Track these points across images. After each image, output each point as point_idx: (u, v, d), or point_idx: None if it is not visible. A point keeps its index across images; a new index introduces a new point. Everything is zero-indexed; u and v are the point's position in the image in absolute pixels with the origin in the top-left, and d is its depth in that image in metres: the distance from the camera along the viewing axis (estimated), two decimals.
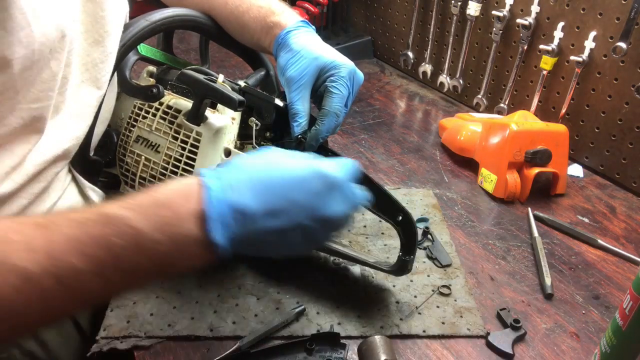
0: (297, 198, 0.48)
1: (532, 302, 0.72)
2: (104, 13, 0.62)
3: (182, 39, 1.55)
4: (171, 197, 0.44)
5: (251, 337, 0.63)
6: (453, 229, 0.86)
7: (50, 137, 0.59)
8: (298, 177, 0.49)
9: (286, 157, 0.51)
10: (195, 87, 0.63)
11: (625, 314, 0.53)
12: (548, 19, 1.05)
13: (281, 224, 0.47)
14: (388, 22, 1.49)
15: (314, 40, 0.73)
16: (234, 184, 0.46)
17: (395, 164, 1.04)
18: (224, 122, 0.66)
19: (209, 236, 0.43)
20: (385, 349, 0.58)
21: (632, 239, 0.86)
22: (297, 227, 0.48)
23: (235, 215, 0.45)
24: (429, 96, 1.35)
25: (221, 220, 0.44)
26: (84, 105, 0.62)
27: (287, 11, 0.77)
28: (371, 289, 0.72)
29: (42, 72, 0.53)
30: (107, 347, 0.62)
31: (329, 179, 0.49)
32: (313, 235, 0.50)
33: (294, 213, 0.47)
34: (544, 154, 0.90)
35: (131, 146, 0.70)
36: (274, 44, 0.74)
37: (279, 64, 0.73)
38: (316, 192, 0.49)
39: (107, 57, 0.63)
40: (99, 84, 0.63)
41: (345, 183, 0.51)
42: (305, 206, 0.48)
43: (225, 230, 0.44)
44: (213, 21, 0.79)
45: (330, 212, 0.49)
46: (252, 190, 0.46)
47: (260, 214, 0.46)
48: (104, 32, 0.62)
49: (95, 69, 0.62)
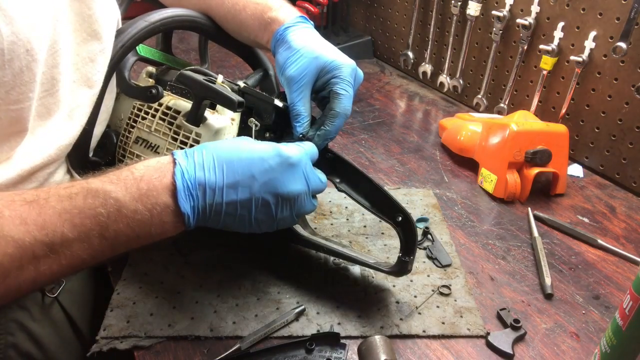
0: (254, 173, 0.55)
1: (532, 302, 0.72)
2: (92, 12, 0.61)
3: (181, 39, 1.55)
4: (147, 172, 0.51)
5: (251, 337, 0.63)
6: (453, 229, 0.86)
7: (43, 138, 0.58)
8: (258, 156, 0.56)
9: (252, 142, 0.58)
10: (195, 88, 0.63)
11: (625, 314, 0.53)
12: (548, 19, 1.05)
13: (241, 196, 0.55)
14: (388, 22, 1.49)
15: (313, 38, 0.72)
16: (199, 162, 0.53)
17: (395, 164, 1.04)
18: (223, 123, 0.66)
19: (179, 206, 0.51)
20: (385, 349, 0.58)
21: (632, 239, 0.86)
22: (256, 200, 0.56)
23: (200, 187, 0.52)
24: (429, 96, 1.35)
25: (188, 193, 0.52)
26: (77, 105, 0.62)
27: (285, 6, 0.76)
28: (371, 289, 0.72)
29: (22, 74, 0.51)
30: (107, 347, 0.62)
31: (286, 158, 0.57)
32: (273, 210, 0.58)
33: (253, 187, 0.55)
34: (544, 154, 0.90)
35: (131, 147, 0.70)
36: (272, 40, 0.73)
37: (277, 62, 0.72)
38: (272, 169, 0.56)
39: (97, 55, 0.63)
40: (91, 82, 0.63)
41: (301, 164, 0.59)
42: (262, 180, 0.55)
43: (191, 201, 0.52)
44: (212, 21, 0.79)
45: (286, 188, 0.57)
46: (216, 167, 0.54)
47: (222, 186, 0.53)
48: (92, 31, 0.62)
49: (86, 68, 0.62)
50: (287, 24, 0.72)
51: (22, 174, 0.57)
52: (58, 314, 0.69)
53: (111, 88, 0.69)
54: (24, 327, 0.64)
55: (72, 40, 0.60)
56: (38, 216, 0.46)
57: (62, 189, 0.49)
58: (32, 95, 0.54)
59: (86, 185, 0.49)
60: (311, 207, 0.63)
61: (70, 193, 0.48)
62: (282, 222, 0.60)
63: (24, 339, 0.64)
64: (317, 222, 0.84)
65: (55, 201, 0.47)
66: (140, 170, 0.51)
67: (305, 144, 0.63)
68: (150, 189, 0.50)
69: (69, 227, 0.47)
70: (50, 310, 0.68)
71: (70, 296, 0.70)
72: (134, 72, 0.71)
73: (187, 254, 0.75)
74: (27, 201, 0.46)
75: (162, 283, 0.71)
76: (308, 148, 0.62)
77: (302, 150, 0.60)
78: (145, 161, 0.53)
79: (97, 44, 0.63)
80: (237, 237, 0.76)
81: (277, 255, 0.77)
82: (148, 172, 0.51)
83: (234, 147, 0.57)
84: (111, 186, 0.49)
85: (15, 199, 0.47)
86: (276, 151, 0.57)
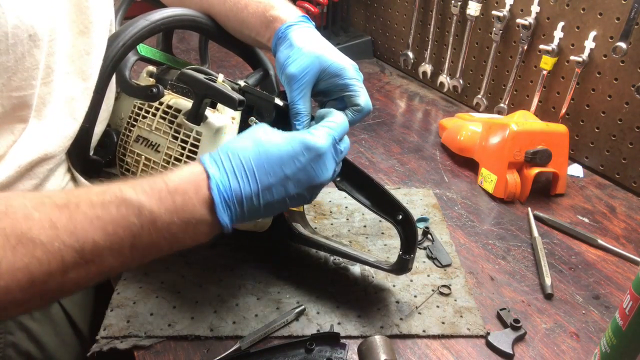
0: (287, 173, 0.55)
1: (532, 302, 0.72)
2: (88, 3, 0.61)
3: (182, 38, 1.55)
4: (182, 184, 0.50)
5: (251, 337, 0.63)
6: (453, 228, 0.86)
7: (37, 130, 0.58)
8: (287, 154, 0.55)
9: (273, 134, 0.57)
10: (195, 86, 0.63)
11: (625, 314, 0.53)
12: (548, 19, 1.05)
13: (277, 196, 0.55)
14: (388, 22, 1.49)
15: (315, 37, 0.71)
16: (230, 170, 0.52)
17: (395, 163, 1.04)
18: (224, 122, 0.66)
19: (218, 219, 0.51)
20: (385, 349, 0.58)
21: (632, 238, 0.86)
22: (292, 196, 0.56)
23: (236, 198, 0.52)
24: (429, 96, 1.35)
25: (225, 205, 0.51)
26: (72, 98, 0.62)
27: (287, 5, 0.75)
28: (371, 288, 0.72)
29: (24, 60, 0.52)
30: (107, 347, 0.62)
31: (315, 149, 0.56)
32: (308, 198, 0.59)
33: (288, 186, 0.55)
34: (544, 154, 0.90)
35: (131, 146, 0.70)
36: (274, 38, 0.72)
37: (278, 60, 0.71)
38: (304, 166, 0.56)
39: (93, 48, 0.63)
40: (85, 75, 0.62)
41: (329, 150, 0.58)
42: (296, 179, 0.55)
43: (229, 212, 0.52)
44: (212, 21, 0.79)
45: (319, 179, 0.57)
46: (247, 173, 0.53)
47: (257, 192, 0.53)
48: (89, 23, 0.61)
49: (81, 60, 0.62)
50: (289, 22, 0.72)
51: (20, 170, 0.56)
52: (58, 313, 0.69)
53: (111, 87, 0.69)
54: (24, 327, 0.64)
55: (68, 30, 0.60)
56: (69, 221, 0.44)
57: (93, 195, 0.47)
58: (35, 82, 0.54)
59: (120, 194, 0.47)
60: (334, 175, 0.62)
61: (103, 200, 0.47)
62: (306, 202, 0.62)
63: (23, 338, 0.63)
64: (317, 222, 0.84)
65: (87, 207, 0.46)
66: (174, 182, 0.50)
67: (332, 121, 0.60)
68: (186, 202, 0.49)
69: (100, 235, 0.45)
70: (50, 310, 0.68)
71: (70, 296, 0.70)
72: (134, 72, 0.71)
73: (187, 254, 0.75)
74: (58, 205, 0.45)
75: (162, 283, 0.71)
76: (336, 127, 0.60)
77: (330, 133, 0.58)
78: (178, 171, 0.52)
79: (93, 37, 0.62)
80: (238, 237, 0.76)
81: (277, 254, 0.77)
82: (182, 184, 0.50)
83: (259, 144, 0.55)
84: (145, 197, 0.48)
85: (45, 201, 0.45)
86: (304, 144, 0.56)
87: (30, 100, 0.55)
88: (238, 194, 0.52)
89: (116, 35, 0.65)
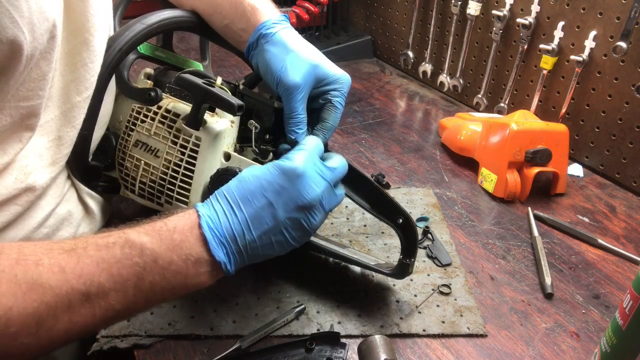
0: (270, 198, 0.55)
1: (532, 301, 0.72)
2: (94, 11, 0.61)
3: (181, 38, 1.55)
4: (179, 223, 0.52)
5: (251, 336, 0.63)
6: (453, 228, 0.86)
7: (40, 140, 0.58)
8: (265, 180, 0.56)
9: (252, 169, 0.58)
10: (194, 92, 0.62)
11: (625, 314, 0.53)
12: (548, 19, 1.05)
13: (269, 225, 0.55)
14: (388, 22, 1.49)
15: (303, 41, 0.70)
16: (218, 207, 0.54)
17: (395, 163, 1.04)
18: (223, 126, 0.65)
19: (213, 255, 0.51)
20: (385, 348, 0.58)
21: (632, 238, 0.86)
22: (285, 222, 0.55)
23: (227, 232, 0.53)
24: (429, 96, 1.35)
25: (218, 241, 0.52)
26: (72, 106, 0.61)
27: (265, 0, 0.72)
28: (371, 288, 0.72)
29: (31, 72, 0.52)
30: (107, 346, 0.62)
31: (291, 170, 0.56)
32: (306, 223, 0.57)
33: (275, 212, 0.55)
34: (544, 153, 0.90)
35: (130, 150, 0.69)
36: (254, 32, 0.69)
37: (269, 59, 0.67)
38: (283, 187, 0.55)
39: (97, 57, 0.62)
40: (87, 84, 0.62)
41: (308, 168, 0.57)
42: (280, 202, 0.55)
43: (223, 248, 0.52)
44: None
45: (306, 198, 0.56)
46: (233, 205, 0.54)
47: (247, 223, 0.54)
48: (90, 35, 0.61)
49: (84, 69, 0.61)
50: (274, 20, 0.69)
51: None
52: None
53: (110, 91, 0.68)
54: None
55: (73, 39, 0.60)
56: (76, 265, 0.46)
57: (99, 238, 0.49)
58: (42, 93, 0.55)
59: (123, 236, 0.49)
60: (339, 198, 0.62)
61: (107, 242, 0.48)
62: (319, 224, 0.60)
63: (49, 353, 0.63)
64: None
65: (93, 250, 0.47)
66: (173, 221, 0.52)
67: (307, 143, 0.61)
68: (184, 240, 0.51)
69: (105, 277, 0.46)
70: None
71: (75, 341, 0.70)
72: (133, 72, 0.71)
73: None
74: (65, 250, 0.46)
75: None
76: (311, 147, 0.60)
77: (305, 154, 0.58)
78: (176, 214, 0.54)
79: (95, 45, 0.62)
80: None
81: None
82: (180, 223, 0.52)
83: (240, 179, 0.57)
84: (147, 237, 0.49)
85: (54, 247, 0.46)
86: (279, 169, 0.56)
87: (37, 109, 0.55)
88: (228, 228, 0.53)
89: (113, 39, 0.64)
